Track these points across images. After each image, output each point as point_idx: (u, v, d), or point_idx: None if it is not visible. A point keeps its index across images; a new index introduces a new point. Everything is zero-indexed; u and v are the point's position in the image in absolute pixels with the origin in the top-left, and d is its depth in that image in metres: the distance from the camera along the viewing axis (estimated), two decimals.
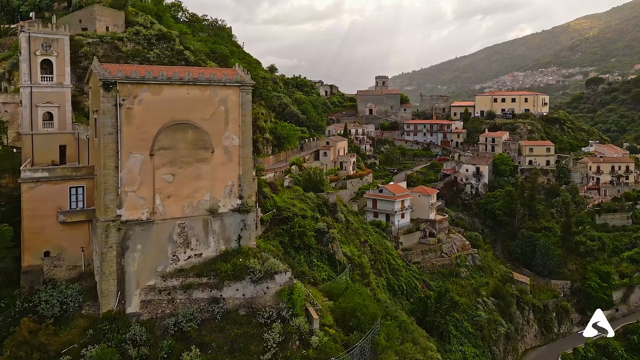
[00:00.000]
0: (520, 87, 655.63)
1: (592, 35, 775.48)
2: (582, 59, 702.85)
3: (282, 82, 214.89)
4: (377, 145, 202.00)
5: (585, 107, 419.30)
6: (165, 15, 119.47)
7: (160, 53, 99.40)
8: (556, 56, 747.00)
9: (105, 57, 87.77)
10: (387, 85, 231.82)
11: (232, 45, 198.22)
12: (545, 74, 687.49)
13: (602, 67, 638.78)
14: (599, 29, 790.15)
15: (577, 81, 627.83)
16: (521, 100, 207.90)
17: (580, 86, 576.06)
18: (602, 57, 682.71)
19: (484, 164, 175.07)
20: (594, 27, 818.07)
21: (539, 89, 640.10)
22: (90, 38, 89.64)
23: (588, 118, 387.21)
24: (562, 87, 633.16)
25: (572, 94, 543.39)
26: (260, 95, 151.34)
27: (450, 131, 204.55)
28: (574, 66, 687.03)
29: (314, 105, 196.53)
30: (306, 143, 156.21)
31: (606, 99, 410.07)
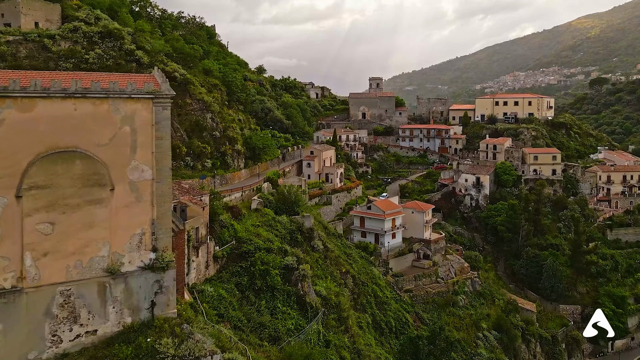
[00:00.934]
0: (522, 87, 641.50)
1: (594, 34, 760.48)
2: (584, 58, 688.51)
3: (269, 84, 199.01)
4: (369, 152, 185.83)
5: (589, 109, 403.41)
6: (121, 11, 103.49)
7: (104, 53, 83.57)
8: (558, 56, 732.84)
9: (29, 59, 71.87)
10: (382, 88, 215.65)
11: (214, 45, 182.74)
12: (546, 73, 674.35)
13: (605, 67, 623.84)
14: (601, 28, 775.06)
15: (579, 81, 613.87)
16: (525, 103, 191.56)
17: (583, 86, 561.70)
18: (604, 56, 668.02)
19: (485, 173, 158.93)
20: (595, 26, 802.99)
21: (540, 89, 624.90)
22: (10, 36, 73.63)
23: (592, 120, 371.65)
24: (564, 87, 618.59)
25: (575, 94, 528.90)
26: (238, 99, 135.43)
27: (449, 137, 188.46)
28: (575, 66, 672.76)
29: (301, 109, 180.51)
30: (289, 152, 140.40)
31: (610, 100, 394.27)
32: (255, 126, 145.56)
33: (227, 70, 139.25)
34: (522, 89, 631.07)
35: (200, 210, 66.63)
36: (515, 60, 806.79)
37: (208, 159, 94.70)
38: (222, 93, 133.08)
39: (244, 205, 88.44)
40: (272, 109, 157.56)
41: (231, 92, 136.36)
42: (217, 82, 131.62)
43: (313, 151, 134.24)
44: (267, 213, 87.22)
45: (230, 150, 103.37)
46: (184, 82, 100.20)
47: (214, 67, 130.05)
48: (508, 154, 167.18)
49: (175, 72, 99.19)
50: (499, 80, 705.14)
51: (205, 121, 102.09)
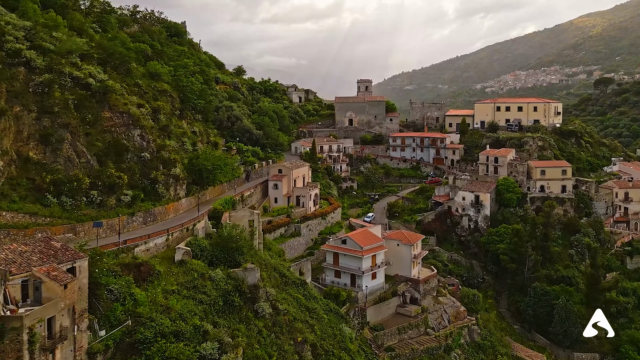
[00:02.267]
0: (523, 86, 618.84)
1: (596, 33, 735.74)
2: (585, 57, 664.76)
3: (245, 88, 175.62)
4: (355, 163, 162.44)
5: (594, 110, 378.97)
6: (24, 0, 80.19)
7: None
8: (559, 55, 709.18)
9: None
10: (371, 91, 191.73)
11: (183, 45, 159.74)
12: (548, 73, 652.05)
13: (607, 66, 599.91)
14: (603, 26, 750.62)
15: (580, 80, 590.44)
16: (529, 109, 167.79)
17: (585, 86, 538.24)
18: (606, 55, 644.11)
19: (485, 191, 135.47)
20: (597, 25, 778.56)
21: (541, 89, 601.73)
22: None
23: (597, 122, 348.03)
24: (566, 87, 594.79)
25: (577, 93, 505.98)
26: (195, 107, 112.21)
27: (445, 146, 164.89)
28: (577, 65, 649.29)
29: (279, 115, 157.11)
30: (255, 170, 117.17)
31: (616, 101, 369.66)
32: (217, 138, 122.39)
33: (181, 73, 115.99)
34: (523, 88, 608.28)
35: (59, 290, 43.90)
36: (516, 60, 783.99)
37: (127, 190, 71.57)
38: (174, 100, 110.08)
39: (165, 257, 65.42)
40: (240, 117, 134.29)
41: (186, 99, 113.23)
42: (167, 87, 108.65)
43: (282, 169, 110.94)
44: (196, 267, 64.16)
45: (163, 176, 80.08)
46: (103, 91, 76.94)
47: (162, 70, 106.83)
48: (511, 167, 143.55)
49: (90, 78, 75.91)
50: (500, 79, 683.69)
51: (130, 140, 78.92)
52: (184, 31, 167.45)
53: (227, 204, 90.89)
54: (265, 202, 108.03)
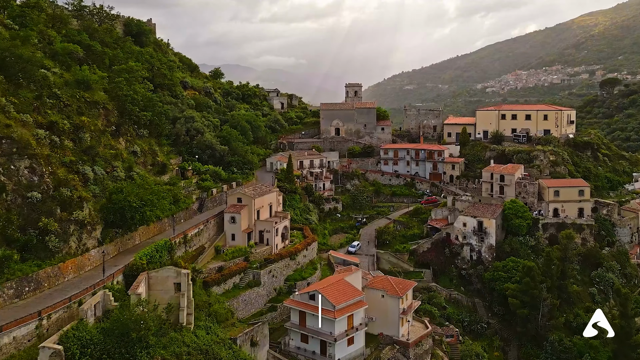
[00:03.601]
0: (524, 86, 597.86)
1: (598, 32, 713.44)
2: (587, 57, 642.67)
3: (219, 93, 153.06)
4: (341, 180, 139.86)
5: (600, 112, 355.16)
6: None
7: None
8: (561, 54, 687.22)
9: None
10: (361, 97, 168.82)
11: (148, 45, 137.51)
12: (549, 72, 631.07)
13: (610, 66, 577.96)
14: (605, 25, 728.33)
15: (583, 80, 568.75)
16: (539, 117, 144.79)
17: (588, 85, 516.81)
18: (608, 54, 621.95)
19: (490, 216, 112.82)
20: (599, 24, 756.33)
21: (543, 89, 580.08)
22: None
23: (604, 124, 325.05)
24: (568, 87, 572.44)
25: (579, 93, 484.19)
26: (137, 120, 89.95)
27: (443, 160, 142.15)
28: (579, 64, 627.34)
29: (253, 126, 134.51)
30: (213, 197, 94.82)
31: (624, 103, 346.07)
32: (169, 157, 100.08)
33: (121, 80, 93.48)
34: (524, 88, 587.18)
35: None
36: (517, 59, 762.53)
37: None
38: (110, 113, 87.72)
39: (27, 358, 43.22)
40: (201, 130, 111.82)
41: (126, 112, 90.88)
42: (101, 97, 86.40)
43: (241, 198, 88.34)
44: None
45: (59, 223, 57.75)
46: None
47: (92, 77, 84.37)
48: (520, 187, 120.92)
49: None
50: (501, 79, 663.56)
51: (11, 176, 56.60)
52: (148, 29, 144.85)
53: (158, 252, 68.64)
54: (220, 240, 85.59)
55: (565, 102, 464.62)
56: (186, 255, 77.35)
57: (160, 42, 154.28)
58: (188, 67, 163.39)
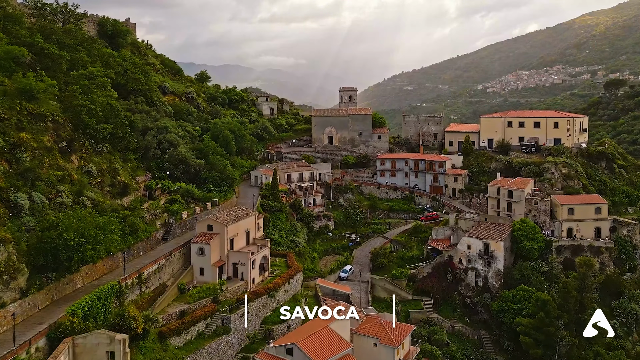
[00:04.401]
0: (525, 86, 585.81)
1: (599, 32, 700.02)
2: (589, 57, 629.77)
3: (202, 99, 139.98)
4: (333, 194, 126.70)
5: (605, 114, 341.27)
6: None
7: None
8: (562, 54, 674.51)
9: None
10: (356, 102, 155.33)
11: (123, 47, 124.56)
12: (550, 72, 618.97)
13: (612, 66, 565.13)
14: (606, 25, 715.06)
15: (584, 80, 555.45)
16: (549, 125, 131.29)
17: (590, 86, 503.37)
18: (610, 54, 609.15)
19: (497, 238, 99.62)
20: (600, 23, 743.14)
21: (544, 89, 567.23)
22: None
23: (609, 127, 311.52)
24: (570, 87, 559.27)
25: (581, 94, 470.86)
26: (95, 134, 76.98)
27: (444, 171, 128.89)
28: (580, 64, 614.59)
29: (237, 135, 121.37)
30: (182, 221, 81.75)
31: (629, 105, 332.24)
32: (134, 175, 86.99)
33: (77, 88, 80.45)
34: (525, 88, 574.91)
35: None
36: (517, 59, 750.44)
37: None
38: (60, 127, 74.83)
39: None
40: (174, 143, 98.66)
41: (82, 124, 77.93)
42: (51, 109, 73.51)
43: (212, 224, 75.18)
44: None
45: None
46: None
47: (36, 85, 71.32)
48: (530, 205, 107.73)
49: None
50: (502, 79, 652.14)
51: None
52: (124, 30, 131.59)
53: (101, 300, 55.65)
54: (185, 275, 72.53)
55: (567, 103, 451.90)
56: (141, 298, 64.32)
57: (139, 44, 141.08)
58: (170, 70, 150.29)
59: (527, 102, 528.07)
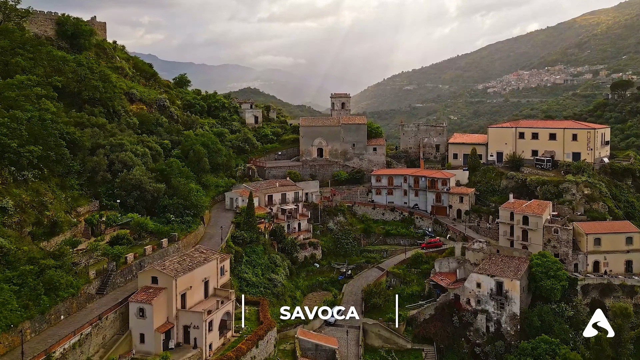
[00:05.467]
0: (526, 86, 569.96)
1: (601, 31, 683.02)
2: (591, 56, 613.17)
3: (177, 107, 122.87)
4: (322, 217, 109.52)
5: (612, 117, 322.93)
6: None
7: None
8: (563, 54, 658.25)
9: None
10: (349, 109, 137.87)
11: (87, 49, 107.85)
12: (552, 72, 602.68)
13: (614, 65, 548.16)
14: (608, 24, 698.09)
15: (586, 80, 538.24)
16: (566, 137, 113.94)
17: (592, 86, 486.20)
18: (612, 54, 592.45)
19: (512, 276, 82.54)
20: (601, 22, 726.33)
21: (546, 89, 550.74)
22: None
23: (617, 130, 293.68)
24: (571, 87, 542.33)
25: (584, 94, 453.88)
26: (16, 160, 59.86)
27: (448, 190, 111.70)
28: (582, 64, 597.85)
29: (211, 150, 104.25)
30: (127, 266, 64.65)
31: (637, 107, 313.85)
32: (74, 206, 70.00)
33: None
34: (526, 88, 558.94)
35: None
36: (518, 59, 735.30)
37: None
38: None
39: None
40: (129, 164, 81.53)
41: None
42: None
43: (157, 277, 58.06)
44: None
45: None
46: None
47: None
48: (549, 234, 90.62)
49: None
50: (502, 79, 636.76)
51: None
52: (88, 30, 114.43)
53: None
54: (121, 344, 55.45)
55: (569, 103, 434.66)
56: None
57: (106, 45, 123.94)
58: (144, 74, 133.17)
59: (528, 103, 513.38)
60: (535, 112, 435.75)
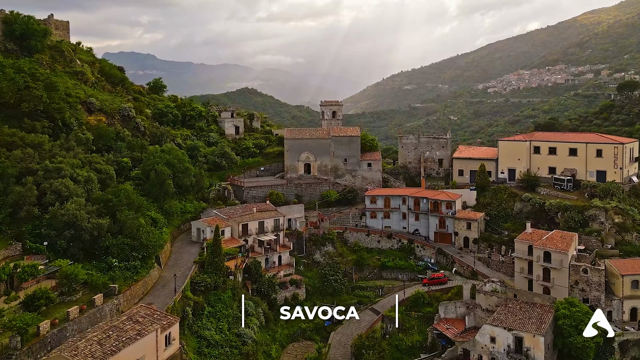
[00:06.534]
0: (527, 86, 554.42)
1: (602, 30, 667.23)
2: (592, 55, 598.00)
3: (146, 116, 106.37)
4: (308, 248, 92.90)
5: (620, 119, 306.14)
6: None
7: None
8: (564, 53, 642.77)
9: None
10: (340, 118, 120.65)
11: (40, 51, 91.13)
12: (553, 72, 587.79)
13: (616, 65, 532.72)
14: (609, 23, 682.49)
15: (588, 80, 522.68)
16: (589, 153, 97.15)
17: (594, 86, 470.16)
18: (614, 53, 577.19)
19: (535, 330, 66.03)
20: (602, 21, 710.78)
21: (547, 89, 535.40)
22: None
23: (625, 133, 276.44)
24: (573, 87, 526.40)
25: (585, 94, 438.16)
26: None
27: (453, 214, 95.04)
28: (584, 64, 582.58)
29: (177, 171, 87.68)
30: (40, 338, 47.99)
31: None
32: None
33: None
34: (527, 88, 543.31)
35: None
36: (518, 58, 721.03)
37: None
38: None
39: None
40: (64, 195, 64.98)
41: None
42: None
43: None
44: None
45: None
46: None
47: None
48: (576, 274, 74.14)
49: None
50: (503, 79, 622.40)
51: None
52: (40, 29, 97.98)
53: None
54: None
55: (571, 104, 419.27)
56: None
57: (64, 47, 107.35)
58: (111, 79, 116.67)
59: (529, 103, 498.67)
60: (536, 113, 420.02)
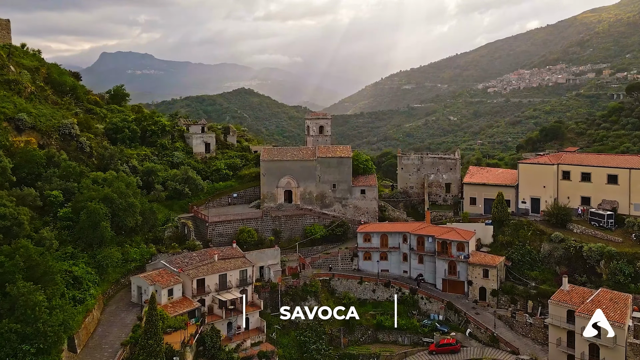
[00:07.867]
0: (527, 86, 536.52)
1: (603, 29, 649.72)
2: (593, 55, 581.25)
3: (96, 134, 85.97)
4: (283, 303, 72.50)
5: (629, 122, 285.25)
6: None
7: None
8: (564, 52, 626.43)
9: None
10: (328, 134, 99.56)
11: None
12: (553, 71, 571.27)
13: (617, 64, 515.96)
14: (609, 22, 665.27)
15: (589, 80, 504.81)
16: (634, 180, 76.76)
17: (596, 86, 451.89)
18: (615, 52, 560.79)
19: None
20: (603, 20, 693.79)
21: (547, 89, 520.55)
22: None
23: (635, 137, 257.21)
24: (574, 87, 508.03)
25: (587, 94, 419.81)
26: None
27: (466, 257, 74.76)
28: (584, 63, 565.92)
29: (117, 207, 67.46)
30: None
31: None
32: None
33: None
34: (527, 88, 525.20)
35: None
36: (518, 57, 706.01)
37: None
38: None
39: None
40: None
41: None
42: None
43: None
44: None
45: None
46: None
47: None
48: (636, 355, 53.95)
49: None
50: (503, 78, 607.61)
51: None
52: None
53: None
54: None
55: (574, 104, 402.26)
56: None
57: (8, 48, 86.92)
58: (60, 87, 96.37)
59: (530, 103, 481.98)
60: (538, 113, 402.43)
